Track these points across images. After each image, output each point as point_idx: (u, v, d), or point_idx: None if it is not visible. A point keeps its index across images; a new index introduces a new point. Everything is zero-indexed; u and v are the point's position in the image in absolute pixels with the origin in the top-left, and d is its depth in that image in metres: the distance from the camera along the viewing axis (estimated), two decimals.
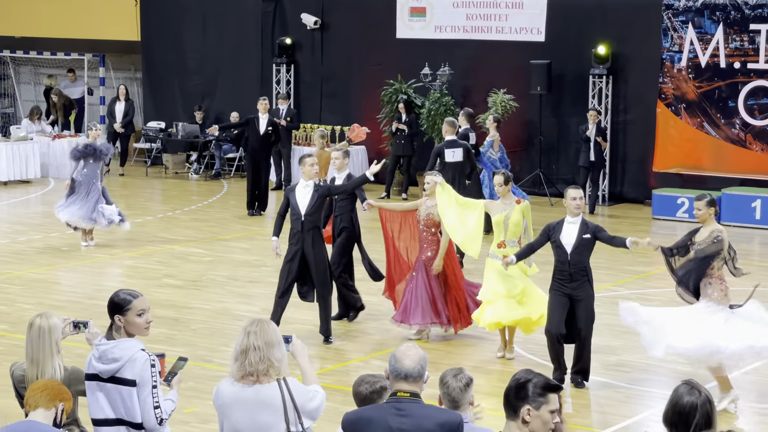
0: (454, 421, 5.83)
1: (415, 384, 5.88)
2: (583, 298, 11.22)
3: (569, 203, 11.20)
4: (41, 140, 25.82)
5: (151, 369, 6.59)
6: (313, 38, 25.90)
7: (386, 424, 5.81)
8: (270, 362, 6.09)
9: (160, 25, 27.52)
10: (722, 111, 21.83)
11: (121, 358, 6.57)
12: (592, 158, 21.81)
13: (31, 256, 17.51)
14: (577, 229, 11.15)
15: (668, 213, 21.42)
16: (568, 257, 11.11)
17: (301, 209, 12.78)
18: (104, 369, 6.59)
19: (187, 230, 19.88)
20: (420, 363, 5.89)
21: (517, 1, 23.70)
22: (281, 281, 12.93)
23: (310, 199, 12.78)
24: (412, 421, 5.79)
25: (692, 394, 5.59)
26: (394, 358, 5.91)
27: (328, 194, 13.12)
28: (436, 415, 5.86)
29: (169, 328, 13.45)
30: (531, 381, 5.41)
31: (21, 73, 31.33)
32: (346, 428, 5.94)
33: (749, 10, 21.48)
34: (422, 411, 5.83)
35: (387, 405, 5.91)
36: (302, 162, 13.03)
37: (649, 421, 10.56)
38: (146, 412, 6.59)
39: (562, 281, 11.23)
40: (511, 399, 5.43)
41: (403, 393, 5.85)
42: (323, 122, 25.44)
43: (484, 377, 11.62)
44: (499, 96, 23.05)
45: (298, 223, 12.81)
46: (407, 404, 5.83)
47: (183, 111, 27.24)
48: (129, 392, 6.59)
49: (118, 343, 6.62)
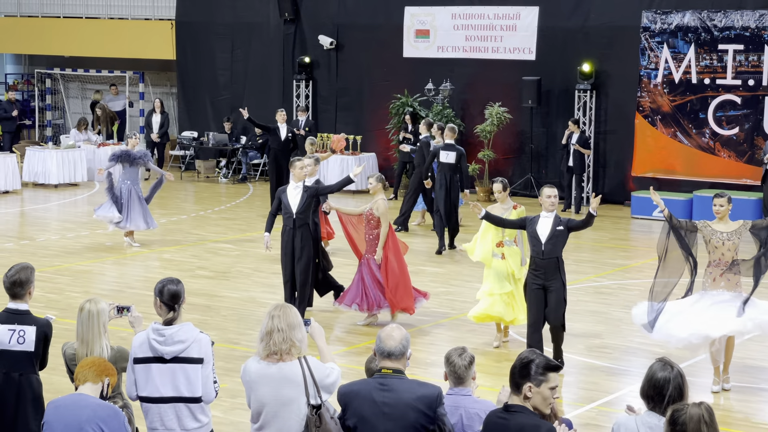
0: (432, 394, 5.86)
1: (398, 361, 5.93)
2: (555, 288, 11.07)
3: (545, 200, 11.20)
4: (87, 148, 25.85)
5: (211, 349, 6.67)
6: (329, 57, 25.89)
7: (371, 396, 5.88)
8: (292, 342, 6.09)
9: (193, 45, 27.53)
10: (694, 122, 21.79)
11: (187, 340, 6.61)
12: (570, 163, 21.83)
13: (79, 251, 17.53)
14: (551, 223, 11.11)
15: (645, 213, 21.40)
16: (542, 247, 11.04)
17: (292, 208, 12.78)
18: (170, 350, 6.58)
19: (217, 227, 19.89)
20: (402, 342, 5.94)
21: (510, 24, 23.68)
22: (283, 270, 13.07)
23: (300, 198, 12.78)
24: (394, 395, 5.84)
25: (665, 369, 5.61)
26: (379, 339, 5.97)
27: (315, 194, 13.05)
28: (416, 389, 5.89)
29: (202, 314, 13.45)
30: (534, 361, 5.45)
31: (69, 88, 31.37)
32: (340, 399, 6.02)
33: (718, 32, 21.44)
34: (403, 385, 5.87)
35: (372, 380, 5.98)
36: (292, 165, 13.00)
37: (629, 396, 10.54)
38: (207, 385, 6.66)
39: (537, 272, 11.12)
40: (516, 376, 5.48)
41: (387, 369, 5.91)
42: (338, 132, 25.41)
43: (483, 357, 11.60)
44: (495, 108, 23.04)
45: (290, 221, 12.80)
46: (390, 380, 5.88)
47: (213, 122, 27.25)
48: (194, 369, 6.63)
49: (181, 327, 6.65)
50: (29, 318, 7.44)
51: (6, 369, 7.42)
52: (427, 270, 16.34)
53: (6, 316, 7.45)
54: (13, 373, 7.41)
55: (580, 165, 21.96)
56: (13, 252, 17.18)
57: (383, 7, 25.08)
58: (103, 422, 5.97)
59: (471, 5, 24.06)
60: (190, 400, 6.64)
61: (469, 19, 24.14)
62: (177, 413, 6.64)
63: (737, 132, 21.46)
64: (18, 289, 7.43)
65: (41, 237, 18.52)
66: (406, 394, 5.83)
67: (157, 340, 6.63)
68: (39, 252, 17.07)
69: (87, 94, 31.13)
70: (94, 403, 6.05)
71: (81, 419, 5.98)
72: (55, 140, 26.70)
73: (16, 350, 7.38)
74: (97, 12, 29.64)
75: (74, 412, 6.01)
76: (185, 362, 6.61)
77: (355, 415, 5.92)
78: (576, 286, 15.36)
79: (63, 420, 6.02)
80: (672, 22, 21.82)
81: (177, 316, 6.68)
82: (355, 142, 24.81)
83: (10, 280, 7.43)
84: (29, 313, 7.49)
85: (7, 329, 7.38)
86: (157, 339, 6.63)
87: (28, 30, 30.11)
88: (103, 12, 29.59)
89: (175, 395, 6.61)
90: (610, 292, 15.23)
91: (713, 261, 10.76)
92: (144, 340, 6.68)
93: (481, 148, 23.60)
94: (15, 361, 7.40)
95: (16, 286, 7.42)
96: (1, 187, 23.49)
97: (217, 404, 10.12)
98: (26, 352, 7.39)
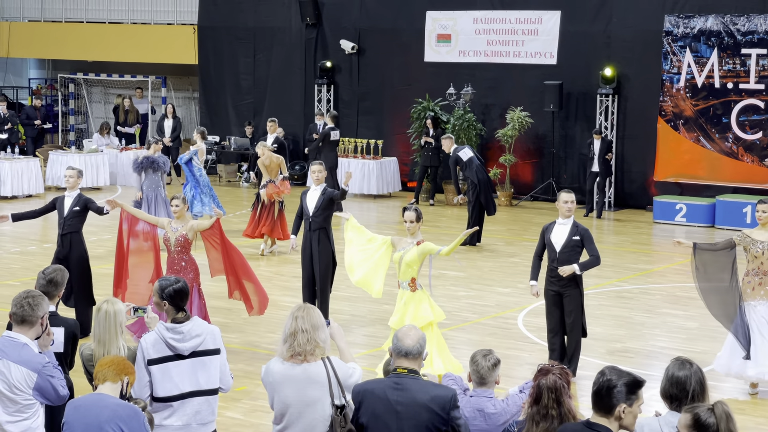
0: (446, 395, 5.82)
1: (414, 361, 5.90)
2: (571, 294, 10.86)
3: (561, 206, 10.87)
4: (110, 152, 25.95)
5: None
6: (350, 62, 25.89)
7: (385, 395, 5.86)
8: (316, 343, 6.07)
9: (215, 50, 27.59)
10: (716, 126, 21.67)
11: (202, 333, 6.72)
12: (595, 168, 21.73)
13: (101, 254, 17.54)
14: (567, 230, 10.81)
15: (667, 217, 21.31)
16: (557, 255, 10.81)
17: (309, 210, 12.90)
18: (187, 346, 6.65)
19: (239, 231, 19.88)
20: (419, 342, 5.91)
21: (532, 29, 23.62)
22: (303, 273, 13.10)
23: (317, 201, 12.88)
24: (407, 394, 5.80)
25: (684, 367, 5.59)
26: (396, 338, 5.95)
27: (331, 198, 12.95)
28: (430, 389, 5.85)
29: (224, 317, 13.45)
30: (621, 382, 5.33)
31: (92, 93, 31.50)
32: (354, 397, 6.00)
33: (741, 36, 21.33)
34: (418, 385, 5.84)
35: (388, 379, 5.96)
36: (310, 170, 13.21)
37: (651, 401, 10.45)
38: (225, 374, 6.80)
39: (552, 279, 10.94)
40: (605, 399, 5.33)
41: (402, 369, 5.88)
42: (359, 136, 25.45)
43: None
44: (516, 113, 22.98)
45: (307, 223, 12.93)
46: (405, 379, 5.85)
47: (235, 126, 27.30)
48: (211, 360, 6.73)
49: (194, 321, 6.75)
50: (57, 319, 7.53)
51: None
52: (448, 274, 16.29)
53: None
54: None
55: (605, 170, 21.81)
56: (36, 255, 17.22)
57: (405, 11, 25.07)
58: (123, 422, 5.96)
59: (493, 10, 24.02)
60: (208, 392, 6.73)
61: (490, 24, 24.10)
62: (196, 408, 6.70)
63: (761, 136, 21.32)
64: (52, 289, 7.53)
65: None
66: (420, 395, 5.79)
67: (175, 338, 6.65)
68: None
69: (110, 99, 31.26)
70: (114, 403, 6.04)
71: (101, 419, 5.97)
72: (78, 145, 26.81)
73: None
74: (120, 17, 29.77)
75: (94, 413, 6.00)
76: (204, 355, 6.68)
77: (368, 413, 5.90)
78: (597, 290, 15.30)
79: (83, 420, 6.01)
80: (695, 27, 21.71)
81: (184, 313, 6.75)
82: (377, 146, 24.80)
83: (47, 278, 7.52)
84: (57, 314, 7.56)
85: None
86: (175, 337, 6.65)
87: (51, 35, 30.26)
88: (126, 17, 29.72)
89: (194, 389, 6.66)
90: (632, 297, 15.15)
91: (752, 270, 10.59)
92: (157, 340, 6.69)
93: (502, 153, 23.54)
94: None
95: (51, 285, 7.52)
96: (25, 191, 23.59)
97: (238, 406, 10.12)
98: (55, 354, 7.42)
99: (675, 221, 20.97)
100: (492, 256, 17.85)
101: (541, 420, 5.54)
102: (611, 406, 5.30)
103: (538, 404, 5.55)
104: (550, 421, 5.53)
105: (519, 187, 23.80)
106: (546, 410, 5.54)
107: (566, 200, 10.88)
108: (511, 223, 21.22)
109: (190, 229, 11.53)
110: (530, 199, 23.74)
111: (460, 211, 22.69)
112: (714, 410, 5.01)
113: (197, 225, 11.68)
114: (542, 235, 11.05)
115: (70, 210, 12.77)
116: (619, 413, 5.29)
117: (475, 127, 23.38)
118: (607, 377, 5.35)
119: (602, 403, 5.33)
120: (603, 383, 5.34)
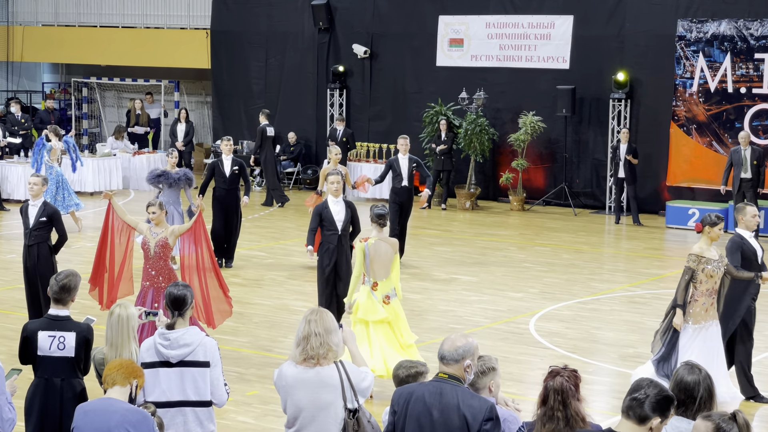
0: (481, 406, 5.68)
1: (451, 367, 5.77)
2: None
3: (749, 220, 10.77)
4: (123, 156, 25.99)
5: (218, 352, 6.67)
6: (363, 66, 25.89)
7: (423, 399, 5.77)
8: (329, 346, 6.05)
9: (228, 54, 27.62)
10: (729, 131, 21.60)
11: (192, 343, 6.70)
12: (621, 174, 21.58)
13: None
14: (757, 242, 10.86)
15: (680, 222, 21.22)
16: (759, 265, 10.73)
17: (338, 224, 12.34)
18: (175, 354, 6.64)
19: (251, 235, 19.89)
20: (458, 350, 5.75)
21: (544, 33, 23.59)
22: (320, 294, 12.47)
23: (344, 214, 12.36)
24: (443, 399, 5.72)
25: (693, 372, 5.55)
26: (443, 342, 5.87)
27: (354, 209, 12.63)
28: (467, 398, 5.74)
29: (235, 321, 13.43)
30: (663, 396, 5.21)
31: (106, 97, 31.58)
32: (396, 399, 5.88)
33: (754, 41, 21.26)
34: (455, 392, 5.73)
35: (429, 383, 5.88)
36: (329, 181, 12.36)
37: None
38: (218, 388, 6.76)
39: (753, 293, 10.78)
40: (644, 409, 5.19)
41: (443, 374, 5.81)
42: (371, 141, 25.44)
43: (515, 366, 11.52)
44: (528, 117, 22.94)
45: (335, 237, 12.33)
46: (444, 384, 5.77)
47: (248, 130, 27.32)
48: (201, 372, 6.71)
49: (186, 330, 6.74)
50: (70, 324, 7.54)
51: (47, 375, 7.52)
52: (461, 279, 16.27)
53: (47, 323, 7.55)
54: (55, 378, 7.51)
55: (631, 175, 21.62)
56: None
57: (417, 16, 25.06)
58: (132, 427, 5.96)
59: (505, 14, 23.99)
60: (198, 404, 6.73)
61: (503, 28, 24.08)
62: (184, 418, 6.70)
63: None
64: (65, 294, 7.54)
65: (76, 244, 18.58)
66: (455, 401, 5.71)
67: (162, 344, 6.71)
68: (74, 259, 17.12)
69: (123, 103, 31.33)
70: (123, 408, 6.04)
71: (110, 424, 5.97)
72: (91, 148, 26.87)
73: (57, 356, 7.47)
74: (133, 21, 29.85)
75: (103, 417, 6.00)
76: (192, 366, 6.67)
77: (406, 415, 5.82)
78: (610, 295, 15.25)
79: (92, 425, 6.01)
80: (708, 31, 21.65)
81: (179, 320, 6.76)
82: (389, 150, 24.78)
83: (60, 284, 7.52)
84: (70, 318, 7.59)
85: (47, 335, 7.47)
86: (163, 343, 6.72)
87: (65, 39, 30.36)
88: (140, 21, 29.79)
89: (182, 399, 6.67)
90: (644, 302, 15.09)
91: (706, 290, 10.47)
92: (151, 345, 6.79)
93: (514, 157, 23.51)
94: (56, 367, 7.49)
95: (64, 291, 7.53)
96: None
97: (249, 411, 10.11)
98: (67, 358, 7.48)
99: (688, 226, 20.90)
100: (504, 260, 17.82)
101: (548, 421, 5.54)
102: (646, 418, 5.21)
103: (545, 405, 5.55)
104: (556, 422, 5.51)
105: (531, 191, 23.76)
106: (552, 412, 5.53)
107: (754, 214, 10.80)
108: (523, 228, 21.18)
109: (171, 234, 11.12)
110: (542, 204, 23.70)
111: (473, 215, 22.67)
112: (736, 419, 4.97)
113: (178, 229, 11.29)
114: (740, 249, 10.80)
115: (37, 220, 12.23)
116: (652, 425, 5.20)
117: (488, 132, 23.36)
118: (656, 389, 5.22)
119: (634, 412, 5.20)
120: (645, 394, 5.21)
